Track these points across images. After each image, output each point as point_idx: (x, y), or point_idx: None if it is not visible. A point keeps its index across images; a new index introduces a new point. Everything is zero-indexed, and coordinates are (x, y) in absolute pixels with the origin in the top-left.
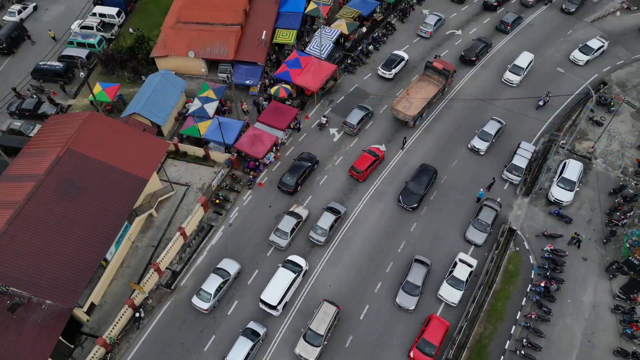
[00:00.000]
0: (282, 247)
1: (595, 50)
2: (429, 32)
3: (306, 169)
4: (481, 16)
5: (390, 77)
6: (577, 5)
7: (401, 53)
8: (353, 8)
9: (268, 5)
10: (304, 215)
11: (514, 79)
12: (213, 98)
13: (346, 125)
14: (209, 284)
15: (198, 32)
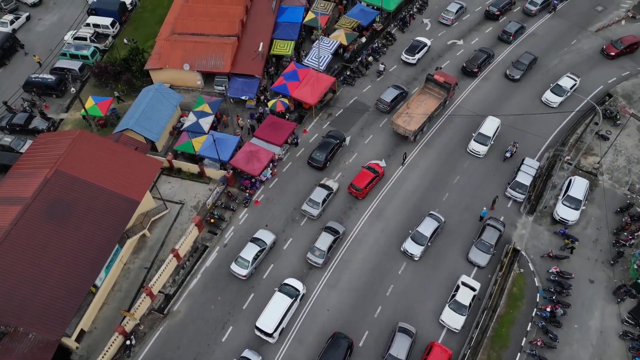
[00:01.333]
0: (314, 217)
1: (568, 90)
2: (450, 20)
3: (334, 146)
4: (483, 25)
5: (414, 62)
6: (522, 72)
7: (424, 39)
8: (352, 18)
9: (265, 15)
10: (335, 188)
11: (480, 150)
12: (208, 112)
13: (380, 102)
14: (247, 252)
15: (193, 43)
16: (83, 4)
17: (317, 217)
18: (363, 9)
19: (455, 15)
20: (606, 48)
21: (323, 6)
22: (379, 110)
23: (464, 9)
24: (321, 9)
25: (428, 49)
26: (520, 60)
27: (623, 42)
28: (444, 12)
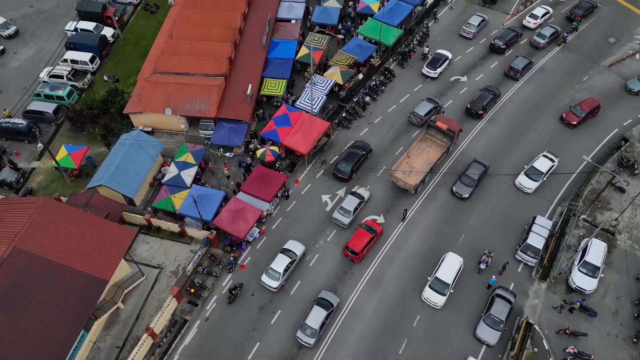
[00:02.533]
0: (345, 225)
1: (545, 173)
2: (472, 33)
3: (361, 157)
4: (488, 60)
5: (435, 76)
6: None
7: (445, 52)
8: (348, 53)
9: (255, 51)
10: (366, 197)
11: (438, 301)
12: (191, 163)
13: (414, 116)
14: (278, 263)
15: (176, 86)
16: (62, 36)
17: (348, 225)
18: (360, 43)
19: (477, 29)
20: (566, 116)
21: (317, 40)
22: (411, 123)
23: (486, 21)
24: (315, 43)
25: (449, 62)
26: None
27: (583, 107)
28: (466, 25)
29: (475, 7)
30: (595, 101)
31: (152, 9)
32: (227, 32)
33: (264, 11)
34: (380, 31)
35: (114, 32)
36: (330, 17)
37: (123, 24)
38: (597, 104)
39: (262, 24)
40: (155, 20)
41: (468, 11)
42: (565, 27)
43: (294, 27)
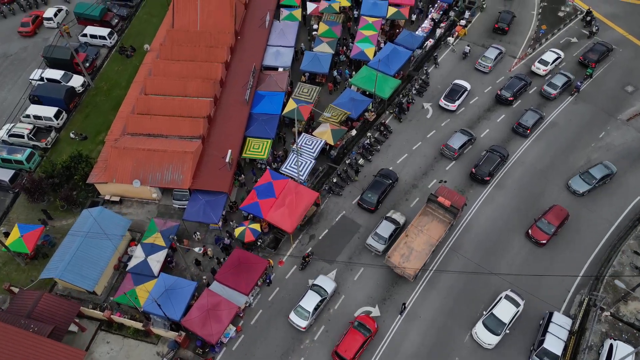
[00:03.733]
0: (379, 252)
1: (510, 320)
2: (488, 67)
3: (387, 187)
4: (494, 112)
5: (453, 109)
6: None
7: (464, 83)
8: (340, 108)
9: (238, 106)
10: (402, 222)
11: None
12: (161, 246)
13: (447, 149)
14: (308, 301)
15: (146, 153)
16: (26, 85)
17: (382, 252)
18: (353, 97)
19: (494, 62)
20: (532, 233)
21: (307, 92)
22: (444, 156)
23: (503, 54)
24: (304, 95)
25: (468, 94)
26: None
27: (551, 221)
28: (482, 58)
29: (479, 48)
30: (563, 210)
31: (127, 52)
32: (207, 86)
33: (248, 59)
34: (376, 82)
35: (83, 80)
36: (321, 64)
37: (96, 69)
38: (566, 213)
39: (246, 74)
40: (131, 65)
41: (472, 53)
42: (578, 73)
43: (282, 77)
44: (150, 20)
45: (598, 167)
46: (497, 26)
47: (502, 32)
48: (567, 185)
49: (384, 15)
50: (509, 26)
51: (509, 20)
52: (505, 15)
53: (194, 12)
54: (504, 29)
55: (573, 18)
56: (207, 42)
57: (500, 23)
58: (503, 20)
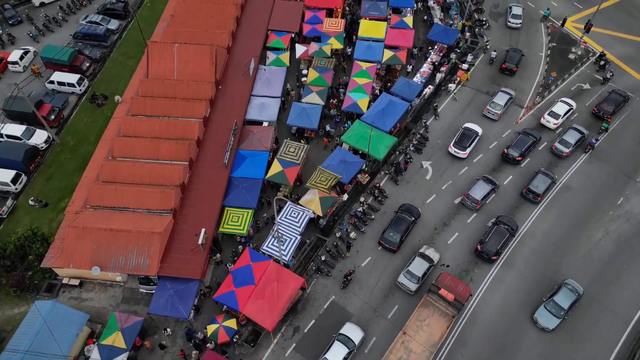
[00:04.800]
0: (412, 292)
1: None
2: (498, 114)
3: (410, 224)
4: (500, 172)
5: (464, 156)
6: None
7: (475, 127)
8: (330, 172)
9: (216, 171)
10: (436, 260)
11: None
12: (121, 348)
13: (469, 199)
14: (335, 354)
15: (108, 233)
16: None
17: (415, 292)
18: (344, 158)
19: (504, 109)
20: None
21: (293, 152)
22: (466, 207)
23: (513, 98)
24: (290, 156)
25: (479, 139)
26: None
27: None
28: (490, 104)
29: (483, 96)
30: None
31: (98, 100)
32: (182, 148)
33: (229, 113)
34: (369, 141)
35: (47, 136)
36: (310, 119)
37: (63, 120)
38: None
39: (227, 132)
40: (102, 115)
41: (475, 102)
42: (593, 126)
43: (266, 134)
44: (126, 63)
45: (563, 292)
46: (504, 66)
47: (509, 72)
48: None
49: (379, 60)
50: (517, 66)
51: (518, 60)
52: (513, 54)
53: (170, 59)
54: (512, 70)
55: (585, 61)
56: (185, 93)
57: (507, 63)
58: (511, 59)
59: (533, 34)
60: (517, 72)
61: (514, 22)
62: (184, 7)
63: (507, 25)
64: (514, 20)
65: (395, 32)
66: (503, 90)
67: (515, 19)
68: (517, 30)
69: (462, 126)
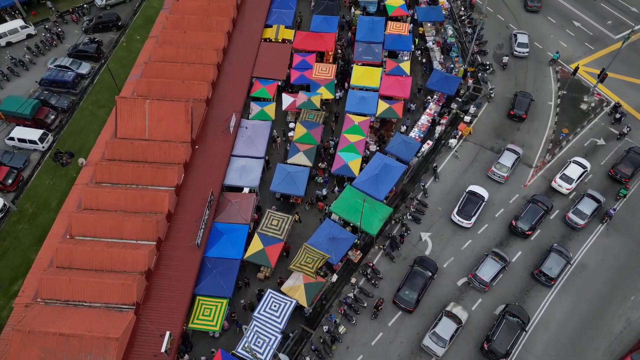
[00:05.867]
0: (438, 356)
1: None
2: (504, 177)
3: (427, 280)
4: (508, 246)
5: (469, 226)
6: None
7: (480, 190)
8: (317, 250)
9: (186, 253)
10: (464, 319)
11: None
12: None
13: (475, 279)
14: None
15: (58, 339)
16: None
17: (441, 356)
18: (334, 234)
19: (511, 170)
20: None
21: (276, 226)
22: (474, 288)
23: (521, 157)
24: (273, 230)
25: (485, 205)
26: None
27: None
28: (496, 165)
29: (488, 152)
30: None
31: (63, 159)
32: (148, 227)
33: (206, 178)
34: (362, 214)
35: (3, 204)
36: (296, 184)
37: (22, 183)
38: None
39: (201, 204)
40: (66, 176)
41: (479, 160)
42: (609, 190)
43: (247, 203)
44: (96, 114)
45: None
46: (512, 113)
47: (518, 119)
48: None
49: (373, 113)
50: (526, 113)
51: (527, 106)
52: (522, 99)
53: (141, 117)
54: (521, 117)
55: (598, 112)
56: (156, 156)
57: (516, 109)
58: (520, 105)
59: (541, 79)
60: (525, 124)
61: (521, 51)
62: (160, 52)
63: (514, 55)
64: (520, 49)
65: (391, 80)
66: (509, 148)
67: (522, 48)
68: (524, 72)
69: (465, 189)
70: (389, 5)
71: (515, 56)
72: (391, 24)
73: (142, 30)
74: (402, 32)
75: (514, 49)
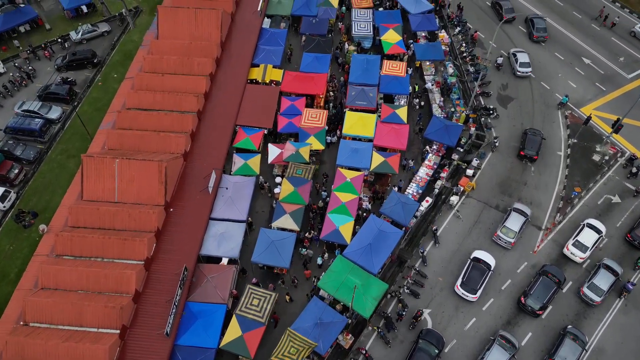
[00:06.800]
0: None
1: None
2: (511, 243)
3: (434, 358)
4: (516, 326)
5: (474, 300)
6: None
7: (485, 256)
8: (302, 337)
9: (153, 343)
10: None
11: None
12: None
13: None
14: None
15: None
16: None
17: None
18: (321, 319)
19: (519, 234)
20: None
21: (257, 306)
22: None
23: (529, 219)
24: (253, 311)
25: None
26: None
27: None
28: (502, 229)
29: (492, 212)
30: None
31: (25, 221)
32: (111, 315)
33: (180, 249)
34: (354, 293)
35: None
36: (280, 256)
37: None
38: None
39: (173, 282)
40: (28, 241)
41: (483, 220)
42: (626, 257)
43: (224, 278)
44: (66, 165)
45: None
46: (523, 153)
47: (530, 160)
48: None
49: (366, 167)
50: (538, 153)
51: (539, 145)
52: (533, 138)
53: (110, 178)
54: (533, 158)
55: (612, 163)
56: (125, 224)
57: (527, 150)
58: (531, 145)
59: (549, 124)
60: (533, 179)
61: (524, 71)
62: (135, 99)
63: (516, 75)
64: (523, 69)
65: (387, 129)
66: (516, 208)
67: (524, 68)
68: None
69: (469, 256)
70: (385, 42)
71: (518, 77)
72: (387, 63)
73: (120, 67)
74: (398, 72)
75: (515, 69)
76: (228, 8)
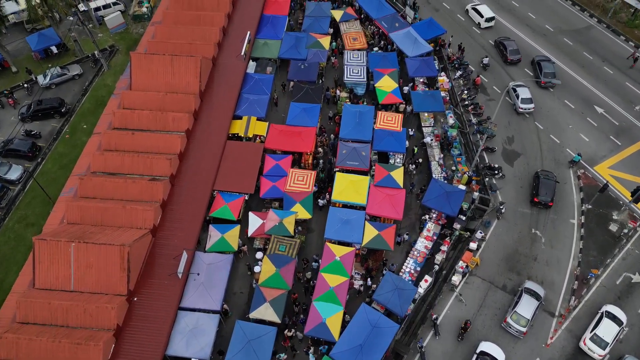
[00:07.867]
0: None
1: None
2: (523, 333)
3: None
4: None
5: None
6: None
7: (494, 350)
8: None
9: None
10: None
11: None
12: None
13: None
14: None
15: None
16: None
17: None
18: None
19: (531, 321)
20: None
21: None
22: None
23: (542, 303)
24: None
25: None
26: None
27: None
28: (512, 316)
29: (499, 293)
30: None
31: None
32: None
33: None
34: None
35: None
36: (256, 356)
37: None
38: None
39: None
40: None
41: (489, 303)
42: None
43: None
44: (23, 236)
45: None
46: (537, 200)
47: (544, 206)
48: None
49: (358, 241)
50: (553, 199)
51: (553, 190)
52: (547, 182)
53: (65, 264)
54: (547, 204)
55: (632, 234)
56: (80, 320)
57: (541, 196)
58: (545, 190)
59: (560, 186)
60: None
61: (526, 107)
62: (101, 161)
63: (518, 112)
64: (525, 106)
65: (381, 195)
66: (528, 289)
67: (527, 104)
68: None
69: (475, 350)
70: (380, 90)
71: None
72: (382, 115)
73: (91, 116)
74: (394, 126)
75: (517, 105)
76: (209, 52)
